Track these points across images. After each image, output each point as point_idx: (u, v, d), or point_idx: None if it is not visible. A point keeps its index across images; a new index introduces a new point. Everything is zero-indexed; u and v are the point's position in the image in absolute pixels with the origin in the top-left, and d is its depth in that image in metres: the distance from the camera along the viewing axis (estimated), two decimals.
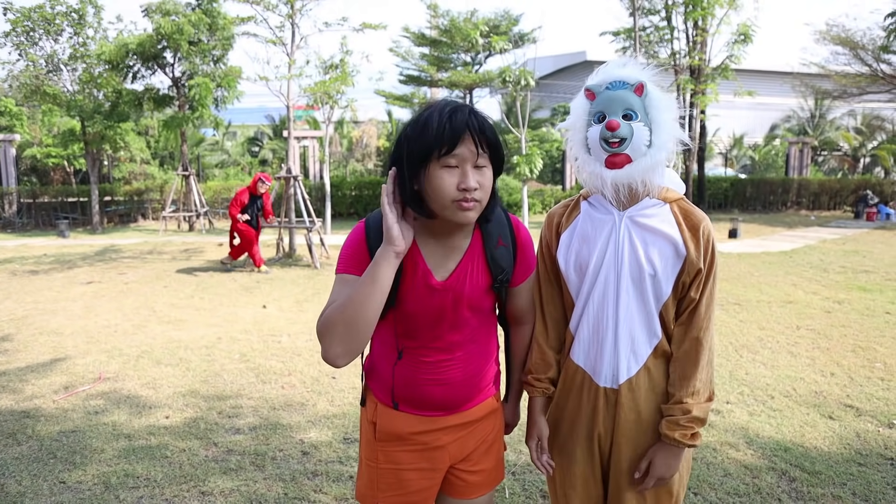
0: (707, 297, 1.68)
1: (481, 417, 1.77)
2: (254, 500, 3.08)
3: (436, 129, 1.44)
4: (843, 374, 4.85)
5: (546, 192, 21.18)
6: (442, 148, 1.43)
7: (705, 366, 1.67)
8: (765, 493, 3.11)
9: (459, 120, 1.45)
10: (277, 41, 11.35)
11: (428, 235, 1.59)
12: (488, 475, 1.82)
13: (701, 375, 1.66)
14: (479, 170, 1.48)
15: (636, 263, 1.65)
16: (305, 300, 7.79)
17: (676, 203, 1.70)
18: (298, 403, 4.33)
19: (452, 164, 1.45)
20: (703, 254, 1.66)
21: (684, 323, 1.69)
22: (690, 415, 1.64)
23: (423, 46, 21.47)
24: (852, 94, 21.73)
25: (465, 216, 1.48)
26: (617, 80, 1.63)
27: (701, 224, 1.67)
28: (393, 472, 1.71)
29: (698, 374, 1.66)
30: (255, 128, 30.30)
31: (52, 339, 6.04)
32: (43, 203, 18.76)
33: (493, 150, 1.50)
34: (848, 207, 21.05)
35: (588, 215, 1.74)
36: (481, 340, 1.73)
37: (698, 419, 1.65)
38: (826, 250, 11.98)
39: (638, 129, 1.60)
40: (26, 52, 15.88)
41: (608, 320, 1.69)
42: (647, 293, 1.66)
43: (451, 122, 1.44)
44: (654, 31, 17.84)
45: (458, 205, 1.46)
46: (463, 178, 1.45)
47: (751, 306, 7.16)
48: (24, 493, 3.15)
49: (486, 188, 1.49)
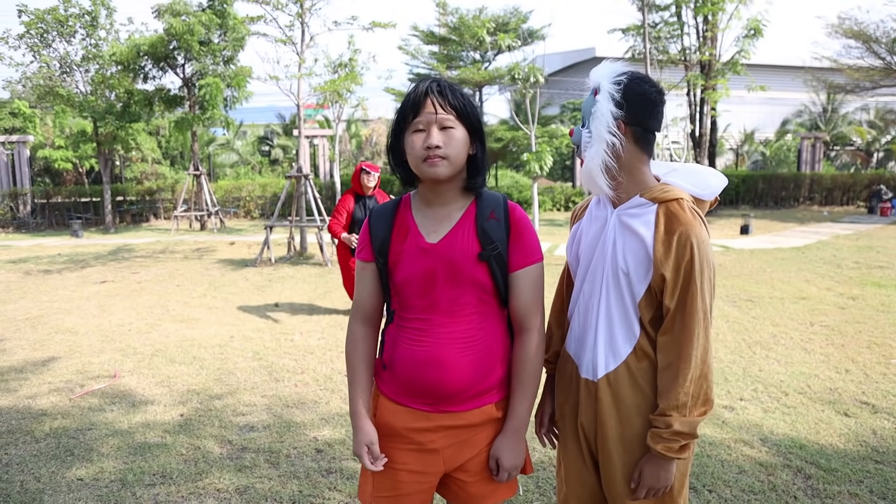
0: (687, 308, 1.60)
1: (478, 424, 1.72)
2: (269, 497, 3.10)
3: (405, 101, 1.65)
4: (858, 370, 4.81)
5: (556, 189, 21.12)
6: (408, 115, 1.63)
7: (694, 379, 1.61)
8: (780, 490, 3.09)
9: (421, 88, 1.63)
10: (287, 40, 11.39)
11: (424, 205, 1.72)
12: (492, 487, 1.77)
13: (687, 388, 1.60)
14: (445, 130, 1.61)
15: (614, 260, 1.70)
16: (317, 298, 7.82)
17: (668, 205, 1.65)
18: (312, 401, 4.35)
19: (420, 127, 1.61)
20: (675, 261, 1.60)
21: (666, 332, 1.65)
22: (672, 429, 1.61)
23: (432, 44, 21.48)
24: (865, 88, 21.52)
25: (433, 171, 1.61)
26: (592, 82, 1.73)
27: (678, 230, 1.61)
28: (388, 470, 1.73)
29: (683, 386, 1.60)
30: (266, 126, 30.39)
31: (68, 337, 6.11)
32: (56, 203, 18.94)
33: (457, 111, 1.62)
34: (861, 203, 20.86)
35: (591, 212, 1.82)
36: (481, 326, 1.68)
37: (681, 433, 1.61)
38: (839, 246, 11.88)
39: (584, 137, 1.71)
40: (40, 54, 16.02)
41: (592, 313, 1.76)
42: (623, 290, 1.69)
43: (415, 91, 1.63)
44: (663, 27, 17.73)
45: (426, 163, 1.60)
46: (427, 137, 1.60)
47: (763, 303, 7.12)
48: (42, 489, 3.19)
49: (452, 146, 1.61)
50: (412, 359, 1.68)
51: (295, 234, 11.64)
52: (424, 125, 1.60)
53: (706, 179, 1.79)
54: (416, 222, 1.71)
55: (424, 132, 1.61)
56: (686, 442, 1.63)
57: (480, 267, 1.66)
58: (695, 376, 1.61)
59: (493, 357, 1.71)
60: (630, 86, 1.64)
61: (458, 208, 1.70)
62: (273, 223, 11.14)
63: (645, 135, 1.68)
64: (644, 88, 1.65)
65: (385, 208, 1.78)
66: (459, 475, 1.75)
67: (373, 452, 1.71)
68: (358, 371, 1.77)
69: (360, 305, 1.80)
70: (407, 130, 1.64)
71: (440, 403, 1.69)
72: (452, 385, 1.67)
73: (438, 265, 1.65)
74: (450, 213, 1.70)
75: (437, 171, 1.60)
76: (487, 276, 1.67)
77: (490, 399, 1.73)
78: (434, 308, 1.67)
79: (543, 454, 3.50)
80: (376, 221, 1.76)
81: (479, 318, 1.69)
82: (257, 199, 20.46)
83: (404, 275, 1.68)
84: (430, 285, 1.66)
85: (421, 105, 1.61)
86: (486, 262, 1.66)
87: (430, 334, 1.67)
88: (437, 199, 1.69)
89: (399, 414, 1.73)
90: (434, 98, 1.60)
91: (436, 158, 1.59)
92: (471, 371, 1.67)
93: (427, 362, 1.66)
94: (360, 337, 1.79)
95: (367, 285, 1.78)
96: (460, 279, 1.66)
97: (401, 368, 1.71)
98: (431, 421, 1.70)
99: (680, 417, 1.61)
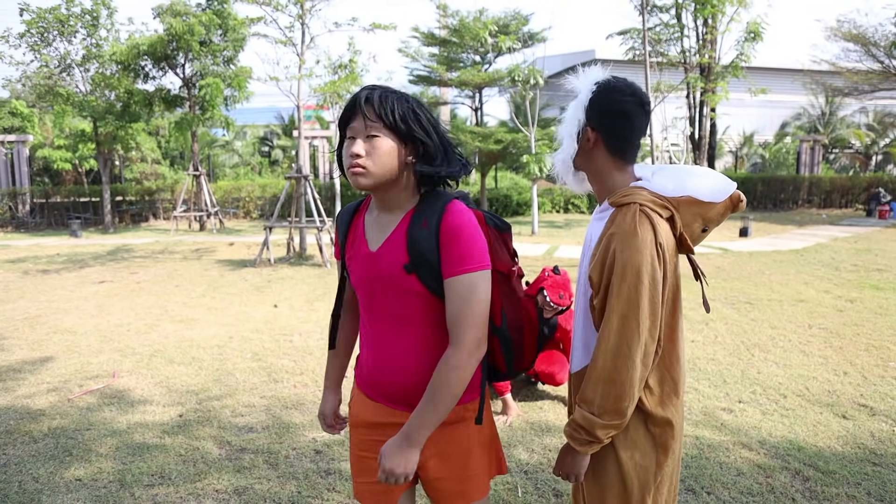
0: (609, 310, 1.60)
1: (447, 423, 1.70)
2: (267, 498, 3.10)
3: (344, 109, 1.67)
4: (856, 373, 4.82)
5: (555, 191, 21.12)
6: (343, 125, 1.66)
7: (602, 380, 1.60)
8: (778, 492, 3.10)
9: (353, 98, 1.63)
10: (287, 41, 11.39)
11: (376, 209, 1.73)
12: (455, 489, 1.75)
13: (595, 387, 1.61)
14: (370, 139, 1.60)
15: (583, 261, 1.79)
16: (316, 299, 7.82)
17: (620, 209, 1.66)
18: (311, 402, 4.35)
19: (351, 135, 1.63)
20: (600, 264, 1.64)
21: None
22: (572, 417, 1.67)
23: (433, 46, 21.47)
24: (864, 91, 21.56)
25: (355, 181, 1.62)
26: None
27: (609, 233, 1.64)
28: (362, 458, 1.80)
29: (589, 383, 1.63)
30: (265, 127, 30.40)
31: (66, 337, 6.10)
32: (55, 203, 18.93)
33: (384, 121, 1.59)
34: (860, 205, 20.87)
35: None
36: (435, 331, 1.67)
37: (579, 425, 1.63)
38: (838, 248, 11.90)
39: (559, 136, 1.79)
40: (40, 53, 16.02)
41: (577, 312, 1.82)
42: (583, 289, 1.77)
43: (350, 101, 1.64)
44: (663, 29, 17.75)
45: (349, 171, 1.62)
46: (349, 147, 1.62)
47: (762, 305, 7.13)
48: (40, 489, 3.19)
49: (375, 156, 1.59)
50: (369, 358, 1.75)
51: (294, 234, 11.64)
52: (354, 134, 1.62)
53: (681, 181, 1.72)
54: (364, 228, 1.74)
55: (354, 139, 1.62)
56: (588, 439, 1.63)
57: (410, 277, 1.63)
58: (602, 377, 1.60)
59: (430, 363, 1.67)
60: (601, 94, 1.69)
61: (399, 213, 1.69)
62: (272, 224, 11.14)
63: (615, 142, 1.71)
64: (614, 98, 1.68)
65: (348, 209, 1.83)
66: (421, 473, 1.75)
67: (326, 419, 1.95)
68: (333, 357, 1.95)
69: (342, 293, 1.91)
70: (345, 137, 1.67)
71: (396, 403, 1.72)
72: (405, 387, 1.69)
73: (375, 274, 1.67)
74: (392, 218, 1.69)
75: (358, 180, 1.61)
76: (421, 286, 1.62)
77: None
78: (383, 313, 1.69)
79: (542, 456, 3.51)
80: (339, 222, 1.82)
81: (430, 323, 1.66)
82: (257, 200, 20.46)
83: (353, 280, 1.75)
84: (373, 292, 1.69)
85: (352, 114, 1.62)
86: (416, 273, 1.61)
87: (383, 338, 1.70)
88: (382, 204, 1.70)
89: (367, 406, 1.78)
90: (361, 107, 1.60)
91: (356, 167, 1.59)
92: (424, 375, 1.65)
93: (380, 365, 1.72)
94: (345, 324, 1.93)
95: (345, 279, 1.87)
96: (398, 288, 1.64)
97: (363, 365, 1.79)
98: (393, 416, 1.72)
99: (581, 411, 1.64)
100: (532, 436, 3.76)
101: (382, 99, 1.60)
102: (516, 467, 3.38)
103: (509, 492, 3.13)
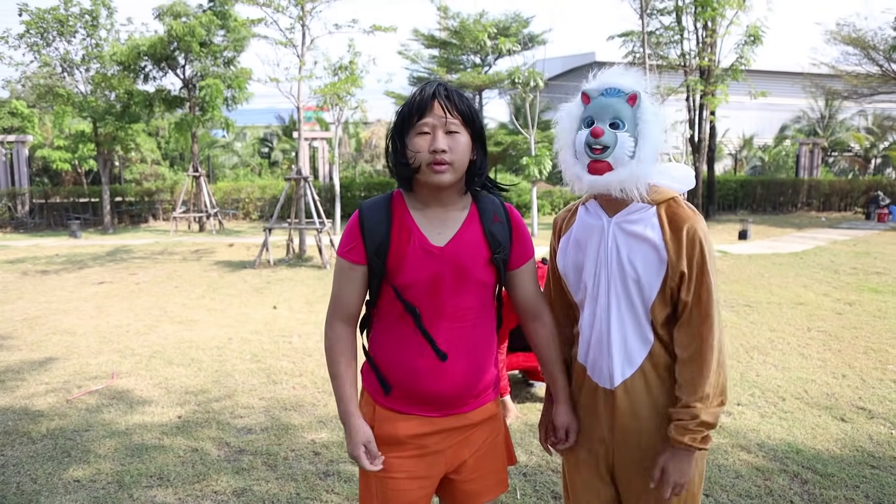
0: (703, 298, 1.64)
1: (478, 423, 1.75)
2: (266, 499, 3.10)
3: (410, 102, 1.63)
4: (854, 376, 4.82)
5: (555, 193, 21.13)
6: (414, 117, 1.60)
7: (715, 369, 1.64)
8: (777, 495, 3.10)
9: (428, 91, 1.61)
10: (287, 43, 11.41)
11: (423, 208, 1.69)
12: (486, 485, 1.79)
13: (711, 379, 1.63)
14: (450, 135, 1.59)
15: (621, 269, 1.69)
16: (316, 300, 7.82)
17: (665, 204, 1.68)
18: (310, 404, 4.35)
19: (425, 130, 1.59)
20: (688, 256, 1.63)
21: (684, 325, 1.67)
22: (699, 419, 1.62)
23: (433, 48, 21.51)
24: (863, 95, 21.57)
25: (438, 178, 1.60)
26: (612, 87, 1.65)
27: (685, 226, 1.64)
28: (389, 481, 1.70)
29: (707, 377, 1.63)
30: (265, 128, 30.39)
31: (65, 338, 6.10)
32: (55, 203, 18.91)
33: (464, 116, 1.61)
34: (859, 209, 20.89)
35: (582, 221, 1.79)
36: (478, 327, 1.72)
37: (707, 423, 1.63)
38: (837, 252, 11.90)
39: (623, 139, 1.62)
40: (40, 53, 16.01)
41: (602, 323, 1.74)
42: (634, 298, 1.69)
43: (422, 94, 1.61)
44: (663, 32, 17.77)
45: (430, 168, 1.59)
46: (433, 141, 1.58)
47: (761, 308, 7.13)
48: (39, 490, 3.19)
49: (457, 151, 1.60)
50: (415, 369, 1.67)
51: (294, 236, 11.64)
52: (430, 128, 1.59)
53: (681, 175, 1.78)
54: (417, 225, 1.67)
55: (429, 135, 1.59)
56: (708, 432, 1.66)
57: (489, 269, 1.70)
58: (713, 369, 1.65)
59: (489, 356, 1.76)
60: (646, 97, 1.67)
61: (459, 210, 1.70)
62: (272, 225, 11.15)
63: None
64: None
65: (377, 206, 1.69)
66: (455, 475, 1.76)
67: (370, 451, 1.67)
68: (346, 371, 1.71)
69: (343, 305, 1.72)
70: (411, 131, 1.61)
71: (446, 408, 1.71)
72: (457, 389, 1.69)
73: (446, 269, 1.64)
74: (450, 215, 1.68)
75: (442, 178, 1.60)
76: (494, 278, 1.73)
77: (489, 397, 1.79)
78: (439, 312, 1.66)
79: (541, 458, 3.51)
80: (371, 220, 1.66)
81: (478, 319, 1.72)
82: (256, 201, 20.45)
83: (409, 278, 1.64)
84: (437, 289, 1.65)
85: (427, 107, 1.59)
86: (495, 265, 1.70)
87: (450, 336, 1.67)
88: (436, 201, 1.67)
89: (402, 422, 1.70)
90: (442, 101, 1.59)
91: (442, 165, 1.58)
92: (472, 372, 1.70)
93: (430, 371, 1.66)
94: (344, 336, 1.73)
95: (354, 287, 1.71)
96: (467, 282, 1.66)
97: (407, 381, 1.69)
98: (437, 425, 1.71)
99: (705, 408, 1.63)
100: (531, 438, 3.76)
101: (458, 95, 1.63)
102: (515, 469, 3.38)
103: (508, 493, 3.13)
